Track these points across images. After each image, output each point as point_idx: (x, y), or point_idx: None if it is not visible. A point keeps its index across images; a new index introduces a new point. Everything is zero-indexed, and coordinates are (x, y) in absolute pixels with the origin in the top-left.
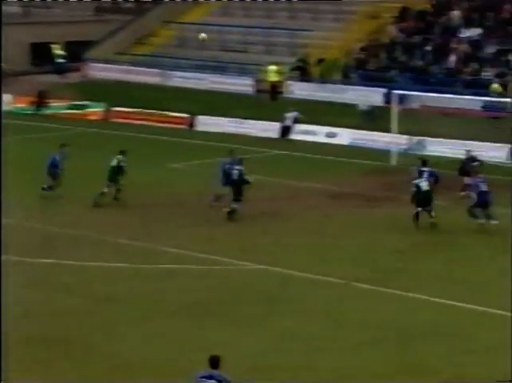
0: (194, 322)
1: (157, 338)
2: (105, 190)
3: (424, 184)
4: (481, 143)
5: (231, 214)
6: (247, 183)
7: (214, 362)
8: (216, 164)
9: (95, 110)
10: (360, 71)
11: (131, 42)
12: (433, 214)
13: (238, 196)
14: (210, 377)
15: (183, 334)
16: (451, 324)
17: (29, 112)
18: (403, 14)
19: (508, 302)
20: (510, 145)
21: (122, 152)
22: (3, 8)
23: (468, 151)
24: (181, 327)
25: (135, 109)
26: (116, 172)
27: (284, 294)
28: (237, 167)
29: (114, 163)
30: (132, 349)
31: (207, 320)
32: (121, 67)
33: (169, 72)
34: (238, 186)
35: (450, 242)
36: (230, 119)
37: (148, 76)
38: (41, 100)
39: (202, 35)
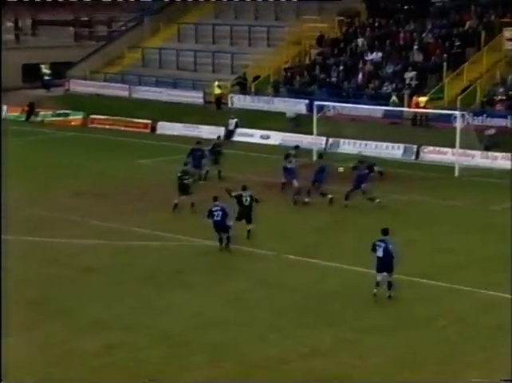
0: (155, 287)
1: (125, 300)
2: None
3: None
4: (382, 143)
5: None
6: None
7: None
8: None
9: (75, 117)
10: (288, 86)
11: (104, 63)
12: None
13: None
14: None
15: (147, 297)
16: (361, 286)
17: (21, 119)
18: (320, 41)
19: (410, 268)
20: (404, 145)
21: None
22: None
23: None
24: (145, 291)
25: (108, 117)
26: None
27: (228, 264)
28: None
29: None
30: (104, 308)
31: (166, 285)
32: (96, 83)
33: (135, 87)
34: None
35: (358, 220)
36: (185, 124)
37: (118, 90)
38: (30, 109)
39: (341, 169)
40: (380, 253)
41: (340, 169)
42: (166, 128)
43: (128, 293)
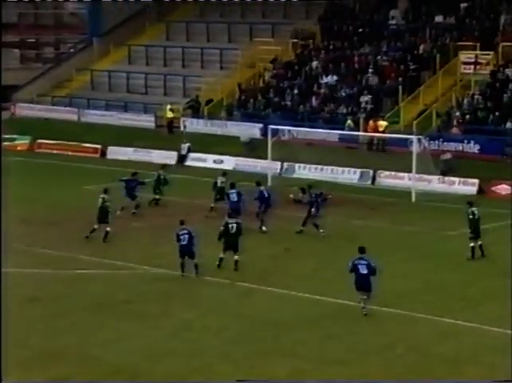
0: (102, 317)
1: (71, 331)
2: (95, 227)
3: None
4: (338, 167)
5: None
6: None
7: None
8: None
9: (21, 142)
10: (241, 109)
11: (52, 86)
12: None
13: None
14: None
15: (94, 328)
16: (316, 315)
17: None
18: (274, 64)
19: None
20: (360, 170)
21: (105, 191)
22: None
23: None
24: (92, 322)
25: (56, 141)
26: (104, 213)
27: (179, 292)
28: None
29: (99, 203)
30: (49, 341)
31: (115, 315)
32: (44, 106)
33: (84, 110)
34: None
35: (313, 247)
36: (136, 149)
37: (66, 114)
38: None
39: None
40: (364, 270)
41: (291, 195)
42: (116, 152)
43: (73, 324)
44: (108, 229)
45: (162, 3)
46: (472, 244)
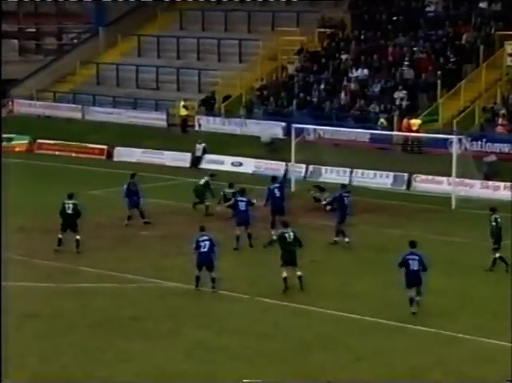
0: (107, 336)
1: (71, 351)
2: (60, 236)
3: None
4: (369, 171)
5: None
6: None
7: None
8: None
9: (20, 142)
10: (262, 106)
11: (53, 80)
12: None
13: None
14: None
15: (96, 347)
16: (344, 334)
17: None
18: (299, 56)
19: (397, 312)
20: (394, 173)
21: (70, 196)
22: None
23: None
24: (95, 340)
25: (57, 141)
26: (71, 220)
27: (192, 308)
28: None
29: (67, 210)
30: (47, 361)
31: (122, 333)
32: (44, 103)
33: (88, 107)
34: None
35: (340, 259)
36: (145, 150)
37: (69, 112)
38: None
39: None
40: (415, 266)
41: (311, 192)
42: (124, 154)
43: (76, 342)
44: (77, 237)
45: None
46: (497, 255)
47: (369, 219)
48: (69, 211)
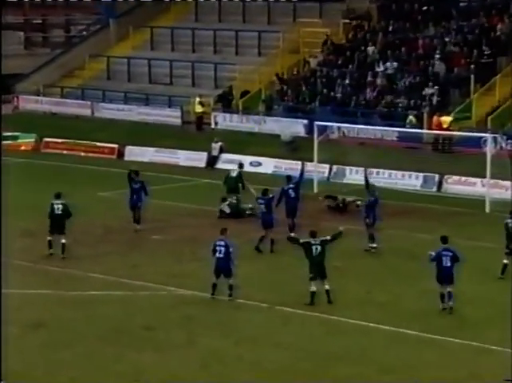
0: (118, 347)
1: (81, 363)
2: (49, 238)
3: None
4: (397, 171)
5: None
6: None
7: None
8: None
9: (26, 141)
10: (283, 103)
11: (61, 75)
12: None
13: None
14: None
15: (108, 358)
16: (370, 345)
17: None
18: (323, 48)
19: (429, 323)
20: (423, 174)
21: (58, 196)
22: None
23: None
24: (106, 352)
25: (65, 140)
26: (58, 222)
27: (208, 317)
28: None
29: (54, 210)
30: (54, 374)
31: (133, 344)
32: (51, 99)
33: (98, 104)
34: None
35: (366, 264)
36: (158, 149)
37: (78, 108)
38: None
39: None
40: (448, 263)
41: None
42: (135, 153)
43: (84, 354)
44: (63, 241)
45: None
46: (505, 261)
47: (397, 223)
48: (59, 212)
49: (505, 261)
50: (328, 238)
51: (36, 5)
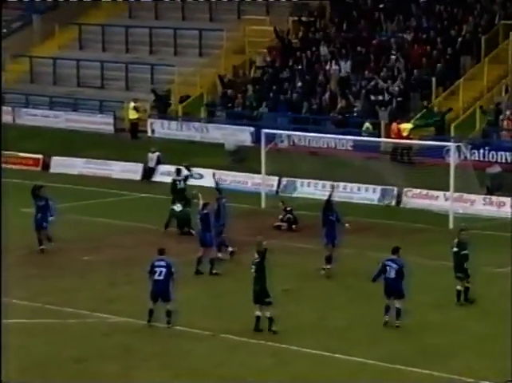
0: (45, 381)
1: None
2: None
3: None
4: (352, 184)
5: None
6: None
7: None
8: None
9: None
10: (227, 108)
11: None
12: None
13: None
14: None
15: None
16: (324, 376)
17: None
18: (271, 48)
19: (387, 351)
20: (381, 187)
21: None
22: None
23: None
24: None
25: None
26: None
27: (144, 347)
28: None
29: None
30: None
31: (63, 378)
32: None
33: (20, 109)
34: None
35: (319, 287)
36: (88, 160)
37: None
38: None
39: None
40: (392, 274)
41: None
42: (63, 165)
43: None
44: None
45: None
46: (459, 287)
47: (353, 240)
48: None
49: (458, 287)
50: (257, 257)
51: None
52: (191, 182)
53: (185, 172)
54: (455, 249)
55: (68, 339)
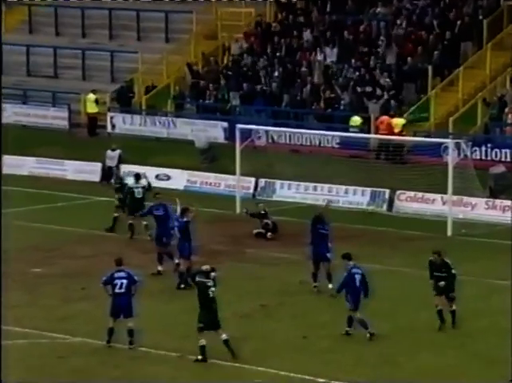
0: None
1: None
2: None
3: None
4: (339, 186)
5: None
6: None
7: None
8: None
9: None
10: (197, 101)
11: None
12: None
13: None
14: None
15: None
16: None
17: None
18: (247, 34)
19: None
20: (371, 189)
21: None
22: None
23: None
24: None
25: None
26: None
27: (105, 370)
28: None
29: None
30: None
31: None
32: None
33: None
34: None
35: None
36: (40, 159)
37: None
38: None
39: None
40: (358, 282)
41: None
42: (10, 164)
43: None
44: None
45: None
46: (437, 308)
47: (338, 249)
48: None
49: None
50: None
51: None
52: (158, 183)
53: (144, 181)
54: (437, 273)
55: (16, 362)
